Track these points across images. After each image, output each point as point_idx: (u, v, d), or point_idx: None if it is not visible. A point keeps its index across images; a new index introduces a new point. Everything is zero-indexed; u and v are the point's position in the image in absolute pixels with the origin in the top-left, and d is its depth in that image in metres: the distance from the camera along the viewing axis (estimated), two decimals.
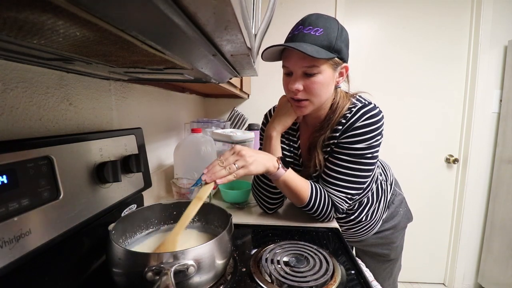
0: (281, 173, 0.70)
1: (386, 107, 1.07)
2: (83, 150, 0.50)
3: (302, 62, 0.65)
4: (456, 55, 1.72)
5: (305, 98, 0.69)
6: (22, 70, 0.44)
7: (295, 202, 0.76)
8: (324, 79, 0.67)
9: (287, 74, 0.71)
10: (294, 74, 0.68)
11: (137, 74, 0.54)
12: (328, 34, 0.64)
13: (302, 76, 0.67)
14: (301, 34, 0.65)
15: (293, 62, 0.67)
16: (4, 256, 0.34)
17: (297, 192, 0.72)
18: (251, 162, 0.64)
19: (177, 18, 0.22)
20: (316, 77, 0.66)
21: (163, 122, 1.08)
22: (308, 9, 1.65)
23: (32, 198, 0.38)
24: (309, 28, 0.64)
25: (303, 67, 0.66)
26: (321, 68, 0.66)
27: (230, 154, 0.64)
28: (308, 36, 0.64)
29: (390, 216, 0.92)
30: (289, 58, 0.67)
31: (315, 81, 0.67)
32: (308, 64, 0.65)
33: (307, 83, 0.67)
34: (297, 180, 0.72)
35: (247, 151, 0.65)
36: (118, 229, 0.53)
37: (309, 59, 0.64)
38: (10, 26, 0.21)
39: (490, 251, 1.73)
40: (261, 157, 0.67)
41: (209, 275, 0.47)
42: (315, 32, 0.64)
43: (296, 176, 0.73)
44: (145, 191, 0.71)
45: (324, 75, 0.67)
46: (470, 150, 1.74)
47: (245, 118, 1.67)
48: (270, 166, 0.68)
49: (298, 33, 0.66)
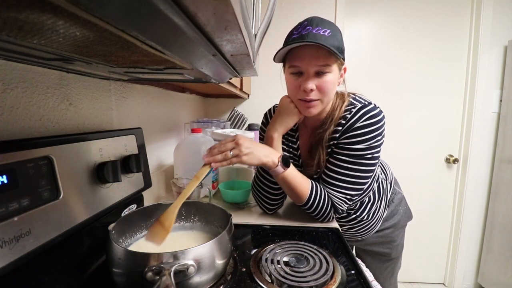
0: (279, 170, 0.70)
1: (386, 107, 1.07)
2: (83, 150, 0.50)
3: (317, 61, 0.65)
4: (456, 55, 1.72)
5: (317, 98, 0.69)
6: (22, 70, 0.44)
7: (294, 200, 0.76)
8: (334, 79, 0.68)
9: (295, 74, 0.70)
10: (306, 74, 0.68)
11: (137, 74, 0.54)
12: (335, 35, 0.65)
13: (314, 76, 0.67)
14: (312, 34, 0.64)
15: (306, 61, 0.66)
16: (4, 256, 0.34)
17: (297, 190, 0.72)
18: (246, 153, 0.65)
19: (177, 18, 0.22)
20: (327, 76, 0.67)
21: (163, 122, 1.07)
22: (308, 9, 1.65)
23: (32, 198, 0.38)
24: (318, 28, 0.64)
25: (318, 66, 0.66)
26: (332, 68, 0.67)
27: (229, 141, 0.66)
28: (319, 36, 0.64)
29: (390, 214, 0.92)
30: (302, 57, 0.67)
31: (327, 80, 0.67)
32: (323, 63, 0.65)
33: (320, 83, 0.67)
34: (298, 178, 0.72)
35: (245, 141, 0.66)
36: (118, 229, 0.53)
37: (323, 58, 0.65)
38: (10, 26, 0.21)
39: (490, 251, 1.73)
40: (260, 151, 0.68)
41: (209, 275, 0.47)
42: (324, 33, 0.64)
43: (298, 174, 0.73)
44: (145, 191, 0.71)
45: (334, 74, 0.68)
46: (470, 150, 1.74)
47: (245, 118, 1.67)
48: (267, 161, 0.69)
49: (307, 32, 0.65)
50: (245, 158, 0.65)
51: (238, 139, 0.66)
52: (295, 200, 0.76)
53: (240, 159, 0.65)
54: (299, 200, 0.74)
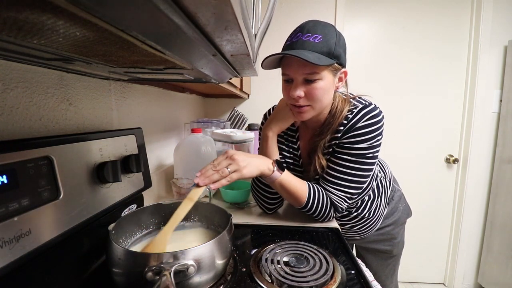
0: (276, 175, 0.70)
1: (386, 107, 1.07)
2: (83, 150, 0.50)
3: (303, 69, 0.65)
4: (456, 55, 1.72)
5: (307, 104, 0.69)
6: (22, 70, 0.44)
7: (293, 204, 0.76)
8: (325, 85, 0.67)
9: (287, 81, 0.71)
10: (294, 81, 0.68)
11: (137, 74, 0.54)
12: (327, 40, 0.64)
13: (303, 83, 0.67)
14: (301, 41, 0.64)
15: (293, 69, 0.67)
16: (4, 256, 0.34)
17: (295, 194, 0.72)
18: (244, 165, 0.64)
19: (177, 18, 0.22)
20: (317, 83, 0.66)
21: (163, 122, 1.08)
22: (308, 9, 1.65)
23: (32, 198, 0.38)
24: (308, 35, 0.64)
25: (304, 74, 0.66)
26: (322, 74, 0.66)
27: (223, 159, 0.64)
28: (308, 43, 0.64)
29: (390, 212, 0.93)
30: (289, 66, 0.67)
31: (316, 87, 0.67)
32: (309, 71, 0.65)
33: (308, 90, 0.67)
34: (294, 182, 0.72)
35: (240, 155, 0.65)
36: (118, 229, 0.53)
37: (310, 66, 0.64)
38: (10, 26, 0.21)
39: (490, 251, 1.73)
40: (255, 161, 0.67)
41: (209, 275, 0.47)
42: (314, 39, 0.64)
43: (293, 178, 0.73)
44: (145, 191, 0.71)
45: (325, 81, 0.67)
46: (470, 150, 1.74)
47: (245, 118, 1.67)
48: (264, 169, 0.69)
49: (297, 40, 0.65)
50: (246, 171, 0.64)
51: (232, 154, 0.64)
52: (294, 204, 0.76)
53: (241, 173, 0.63)
54: (298, 203, 0.74)
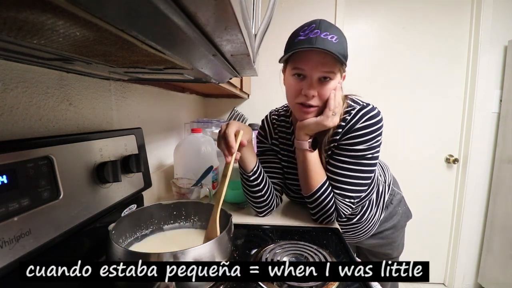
0: (305, 145, 0.72)
1: (386, 107, 1.07)
2: (83, 150, 0.50)
3: (322, 67, 0.65)
4: (456, 55, 1.72)
5: (317, 104, 0.68)
6: (22, 70, 0.44)
7: (303, 187, 0.76)
8: (334, 85, 0.68)
9: (297, 76, 0.68)
10: (309, 79, 0.67)
11: (137, 74, 0.54)
12: (342, 42, 0.65)
13: (317, 81, 0.67)
14: (320, 39, 0.63)
15: (311, 65, 0.65)
16: (4, 256, 0.34)
17: (310, 175, 0.72)
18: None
19: (177, 18, 0.22)
20: (329, 83, 0.66)
21: (163, 122, 1.07)
22: (308, 9, 1.65)
23: (32, 198, 0.38)
24: (326, 33, 0.63)
25: (322, 72, 0.65)
26: (336, 75, 0.67)
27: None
28: (327, 42, 0.62)
29: (389, 215, 0.92)
30: (307, 61, 0.65)
31: (328, 87, 0.67)
32: (328, 69, 0.65)
33: (321, 89, 0.67)
34: (317, 165, 0.73)
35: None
36: (118, 229, 0.53)
37: (329, 65, 0.64)
38: (10, 26, 0.21)
39: (490, 251, 1.73)
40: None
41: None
42: (332, 39, 0.63)
43: (318, 161, 0.73)
44: (145, 191, 0.71)
45: (335, 81, 0.67)
46: (470, 150, 1.74)
47: (245, 118, 1.66)
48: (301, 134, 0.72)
49: (315, 36, 0.63)
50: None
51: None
52: (304, 187, 0.75)
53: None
54: (309, 188, 0.73)
